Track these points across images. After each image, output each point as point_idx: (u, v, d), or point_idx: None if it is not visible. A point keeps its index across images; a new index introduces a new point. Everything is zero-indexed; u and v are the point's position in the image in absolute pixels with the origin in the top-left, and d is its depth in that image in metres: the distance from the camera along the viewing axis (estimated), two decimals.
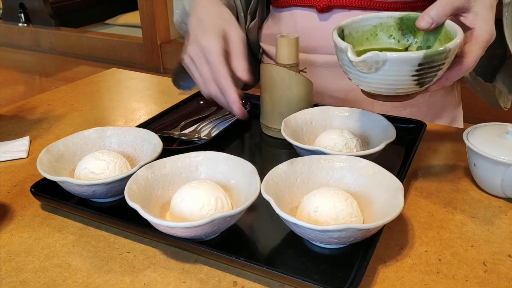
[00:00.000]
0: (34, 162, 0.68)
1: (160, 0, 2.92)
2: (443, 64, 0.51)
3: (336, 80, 0.84)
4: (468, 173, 0.62)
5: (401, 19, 0.58)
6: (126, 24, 3.60)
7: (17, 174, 0.66)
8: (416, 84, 0.51)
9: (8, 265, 0.48)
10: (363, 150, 0.63)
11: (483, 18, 0.54)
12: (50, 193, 0.57)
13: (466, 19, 0.55)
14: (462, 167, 0.64)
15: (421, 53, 0.48)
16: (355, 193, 0.54)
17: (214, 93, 0.65)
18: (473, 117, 1.16)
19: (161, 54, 3.00)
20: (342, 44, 0.52)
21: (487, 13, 0.54)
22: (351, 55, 0.50)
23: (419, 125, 0.72)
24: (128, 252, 0.50)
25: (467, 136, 0.59)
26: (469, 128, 0.61)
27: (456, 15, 0.55)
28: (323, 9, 0.81)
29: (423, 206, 0.56)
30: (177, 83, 0.97)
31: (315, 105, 0.74)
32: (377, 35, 0.59)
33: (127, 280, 0.46)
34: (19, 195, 0.60)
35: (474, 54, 0.54)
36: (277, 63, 0.71)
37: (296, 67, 0.71)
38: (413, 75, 0.50)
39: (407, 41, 0.58)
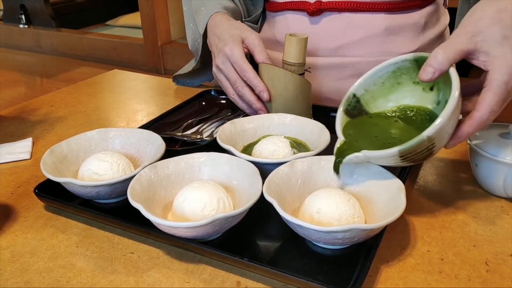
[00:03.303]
0: (37, 163, 0.68)
1: (161, 1, 2.92)
2: (432, 146, 0.48)
3: (330, 82, 0.85)
4: (470, 173, 0.62)
5: (416, 60, 0.54)
6: (127, 25, 3.60)
7: (20, 175, 0.66)
8: (414, 163, 0.50)
9: (12, 265, 0.49)
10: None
11: (495, 56, 0.47)
12: (53, 194, 0.57)
13: (478, 61, 0.49)
14: (464, 167, 0.65)
15: (395, 150, 0.47)
16: (356, 193, 0.54)
17: (241, 91, 0.71)
18: None
19: (161, 55, 3.00)
20: (335, 153, 0.53)
21: (500, 48, 0.47)
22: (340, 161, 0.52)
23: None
24: (132, 253, 0.50)
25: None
26: None
27: (468, 59, 0.49)
28: (314, 13, 0.82)
29: (425, 206, 0.57)
30: (176, 81, 1.00)
31: (313, 106, 0.74)
32: (399, 83, 0.57)
33: (131, 281, 0.46)
34: (22, 196, 0.61)
35: (486, 105, 0.47)
36: (283, 61, 0.71)
37: (302, 66, 0.71)
38: (402, 161, 0.50)
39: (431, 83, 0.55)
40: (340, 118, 0.57)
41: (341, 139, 0.54)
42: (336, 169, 0.53)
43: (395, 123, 0.56)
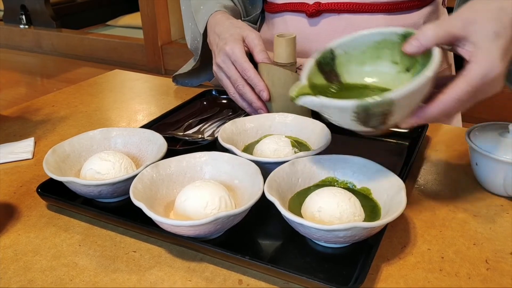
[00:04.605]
0: (39, 163, 0.69)
1: (161, 1, 2.93)
2: (390, 112, 0.45)
3: None
4: (470, 172, 0.62)
5: (404, 36, 0.52)
6: (127, 26, 3.61)
7: (23, 175, 0.66)
8: (365, 128, 0.48)
9: (15, 264, 0.49)
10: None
11: (481, 50, 0.46)
12: (56, 193, 0.57)
13: (463, 50, 0.47)
14: (464, 166, 0.65)
15: (353, 103, 0.45)
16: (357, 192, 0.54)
17: (242, 90, 0.71)
18: (472, 117, 1.16)
19: (162, 55, 3.00)
20: (292, 89, 0.52)
21: (488, 43, 0.46)
22: (295, 97, 0.50)
23: (421, 125, 0.73)
24: (134, 251, 0.50)
25: (469, 135, 0.59)
26: (471, 128, 0.61)
27: (453, 45, 0.48)
28: (313, 14, 0.82)
29: (425, 205, 0.57)
30: (176, 81, 1.00)
31: None
32: (378, 57, 0.55)
33: (133, 279, 0.47)
34: (25, 196, 0.61)
35: (455, 90, 0.45)
36: (274, 63, 0.71)
37: (293, 66, 0.71)
38: (354, 120, 0.47)
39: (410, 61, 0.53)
40: (309, 66, 0.54)
41: (303, 82, 0.52)
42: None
43: (363, 88, 0.54)
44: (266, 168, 0.54)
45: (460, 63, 0.50)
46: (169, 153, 0.60)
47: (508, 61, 0.47)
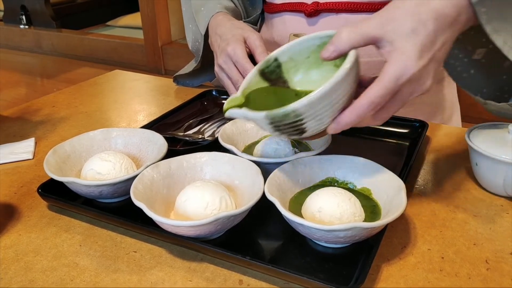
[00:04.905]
0: (39, 163, 0.69)
1: (161, 1, 2.93)
2: (301, 120, 0.45)
3: None
4: (470, 172, 0.62)
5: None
6: (127, 26, 3.61)
7: (23, 175, 0.66)
8: (289, 136, 0.48)
9: (16, 264, 0.49)
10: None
11: (396, 48, 0.44)
12: (56, 193, 0.57)
13: (383, 50, 0.45)
14: (464, 166, 0.65)
15: (263, 114, 0.46)
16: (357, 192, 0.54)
17: None
18: (472, 117, 1.16)
19: (162, 55, 3.00)
20: (227, 102, 0.52)
21: (404, 41, 0.44)
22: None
23: (421, 125, 0.73)
24: (135, 252, 0.51)
25: (469, 136, 0.59)
26: (471, 128, 0.61)
27: (376, 47, 0.46)
28: (311, 14, 0.82)
29: (425, 205, 0.57)
30: (177, 81, 1.01)
31: None
32: (322, 61, 0.51)
33: (134, 279, 0.47)
34: (26, 196, 0.61)
35: (368, 95, 0.44)
36: None
37: None
38: (275, 130, 0.48)
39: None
40: (249, 76, 0.54)
41: (237, 95, 0.53)
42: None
43: (294, 96, 0.54)
44: (266, 168, 0.54)
45: None
46: (170, 154, 0.60)
47: (431, 58, 0.44)
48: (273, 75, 0.55)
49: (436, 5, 0.44)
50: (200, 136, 0.73)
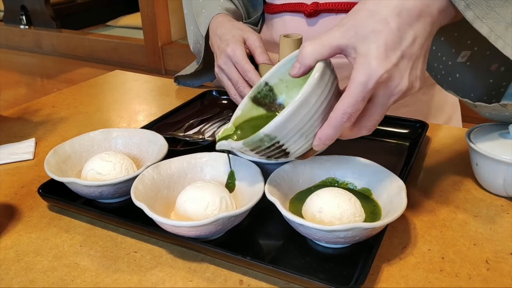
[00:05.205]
0: (40, 164, 0.69)
1: (162, 1, 2.93)
2: (279, 144, 0.45)
3: None
4: (470, 173, 0.62)
5: None
6: (128, 26, 3.61)
7: (24, 175, 0.66)
8: (276, 160, 0.48)
9: (17, 265, 0.49)
10: None
11: (359, 54, 0.42)
12: (57, 194, 0.57)
13: (349, 57, 0.44)
14: (464, 167, 0.65)
15: (240, 143, 0.46)
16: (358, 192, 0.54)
17: (243, 91, 0.71)
18: (472, 117, 1.16)
19: (162, 55, 3.01)
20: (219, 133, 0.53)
21: (366, 44, 0.42)
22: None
23: (421, 125, 0.73)
24: (135, 252, 0.51)
25: (469, 136, 0.59)
26: (472, 128, 0.61)
27: (345, 56, 0.44)
28: (311, 14, 0.82)
29: (425, 205, 0.57)
30: (178, 81, 1.01)
31: None
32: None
33: (135, 280, 0.47)
34: (26, 196, 0.61)
35: (339, 106, 0.42)
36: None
37: None
38: (260, 157, 0.47)
39: None
40: (242, 105, 0.55)
41: (228, 125, 0.53)
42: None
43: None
44: (266, 169, 0.55)
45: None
46: (170, 154, 0.60)
47: (401, 55, 0.42)
48: (267, 99, 0.55)
49: (397, 0, 0.42)
50: (201, 137, 0.73)
